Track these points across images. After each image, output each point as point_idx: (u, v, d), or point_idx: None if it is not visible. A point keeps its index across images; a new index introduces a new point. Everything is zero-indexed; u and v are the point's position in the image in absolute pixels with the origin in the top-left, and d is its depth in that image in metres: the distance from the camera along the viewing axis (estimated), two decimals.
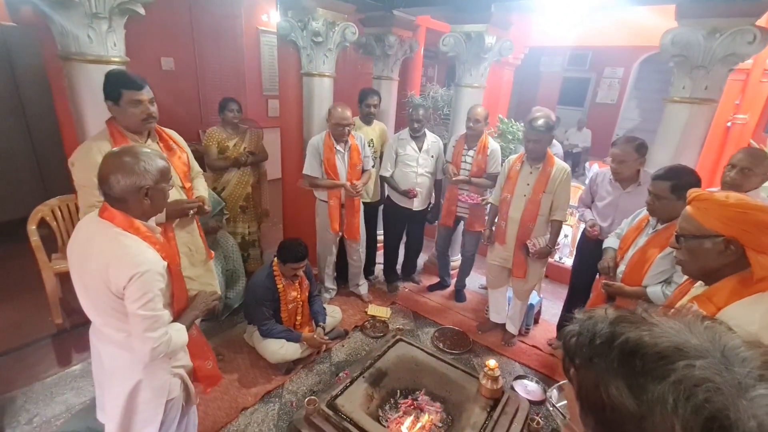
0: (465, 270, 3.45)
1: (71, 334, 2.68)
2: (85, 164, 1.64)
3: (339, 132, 2.82)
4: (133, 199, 1.27)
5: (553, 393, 2.42)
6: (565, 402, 0.49)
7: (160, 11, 4.27)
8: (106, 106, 1.73)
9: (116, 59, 1.97)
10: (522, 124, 3.89)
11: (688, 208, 1.12)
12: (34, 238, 2.59)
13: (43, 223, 2.70)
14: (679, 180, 1.70)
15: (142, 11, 2.00)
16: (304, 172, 2.97)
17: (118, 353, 1.36)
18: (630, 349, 0.40)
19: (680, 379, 0.36)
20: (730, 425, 0.34)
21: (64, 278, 2.61)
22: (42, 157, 4.07)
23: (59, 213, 2.80)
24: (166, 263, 1.32)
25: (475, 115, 2.91)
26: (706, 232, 1.05)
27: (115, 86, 1.66)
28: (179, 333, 1.37)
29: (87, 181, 1.59)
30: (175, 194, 1.89)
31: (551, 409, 2.13)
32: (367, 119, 3.29)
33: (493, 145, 3.08)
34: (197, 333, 1.61)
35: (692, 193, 1.12)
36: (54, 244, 2.81)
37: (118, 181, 1.23)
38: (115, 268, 1.21)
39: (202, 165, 2.25)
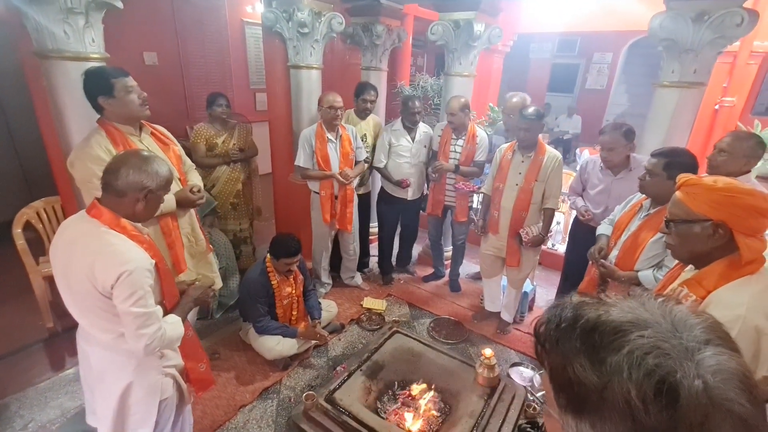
0: (457, 259, 3.46)
1: (63, 337, 2.64)
2: (85, 159, 1.66)
3: (332, 116, 2.79)
4: (131, 197, 1.28)
5: (535, 379, 2.48)
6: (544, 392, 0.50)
7: (141, 4, 4.15)
8: (91, 105, 1.72)
9: (95, 55, 1.91)
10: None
11: (677, 193, 1.13)
12: (20, 242, 2.54)
13: (28, 226, 2.65)
14: (674, 159, 1.72)
15: (120, 5, 1.93)
16: (296, 163, 2.95)
17: (107, 355, 1.34)
18: (590, 327, 0.44)
19: (633, 349, 0.40)
20: (677, 385, 0.37)
21: (54, 281, 2.54)
22: (24, 158, 3.98)
23: (45, 215, 2.75)
24: (154, 261, 1.31)
25: (450, 109, 2.91)
26: (695, 217, 1.06)
27: (105, 79, 1.69)
28: (174, 326, 1.36)
29: (90, 175, 1.61)
30: (173, 185, 1.89)
31: (531, 398, 2.19)
32: (363, 114, 3.26)
33: (481, 133, 3.08)
34: (192, 334, 1.60)
35: (681, 178, 1.13)
36: (41, 247, 2.75)
37: (127, 174, 1.25)
38: (101, 267, 1.20)
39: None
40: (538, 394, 2.12)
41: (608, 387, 0.39)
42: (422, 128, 3.18)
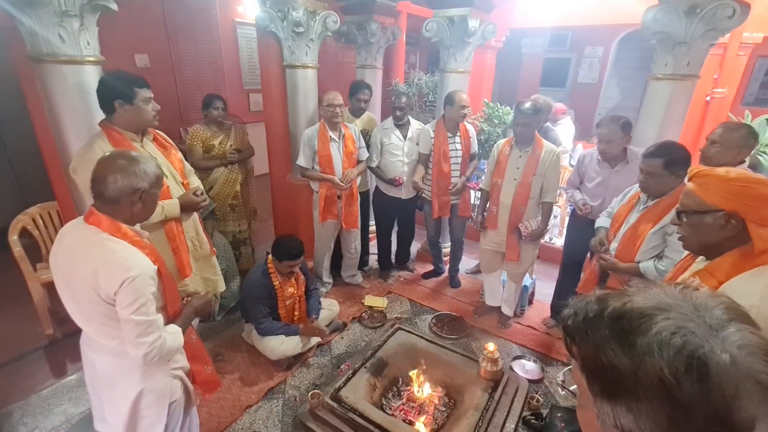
0: (456, 255, 3.47)
1: (64, 343, 2.62)
2: (88, 165, 1.64)
3: (331, 113, 2.80)
4: (126, 201, 1.26)
5: (561, 375, 2.52)
6: (575, 386, 0.52)
7: (131, 6, 4.11)
8: (101, 105, 1.73)
9: (91, 59, 1.90)
10: (508, 107, 3.90)
11: (689, 184, 1.14)
12: (17, 249, 2.52)
13: (24, 233, 2.62)
14: (671, 156, 1.73)
15: (114, 7, 1.92)
16: (298, 162, 2.96)
17: (114, 361, 1.33)
18: (617, 315, 0.46)
19: (660, 330, 0.42)
20: (706, 359, 0.40)
21: (52, 288, 2.53)
22: (17, 164, 3.93)
23: (41, 221, 2.72)
24: (156, 267, 1.30)
25: (463, 101, 2.87)
26: (707, 207, 1.07)
27: (130, 86, 1.71)
28: (174, 336, 1.35)
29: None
30: (176, 189, 1.88)
31: (563, 392, 2.21)
32: (357, 113, 3.27)
33: (469, 126, 3.11)
34: (196, 338, 1.59)
35: (693, 169, 1.14)
36: (38, 253, 2.73)
37: (115, 181, 1.23)
38: (104, 274, 1.19)
39: None
40: (571, 388, 2.20)
41: (641, 368, 0.41)
42: (415, 126, 3.17)
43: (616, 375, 0.43)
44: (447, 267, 3.65)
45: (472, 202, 3.44)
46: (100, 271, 1.19)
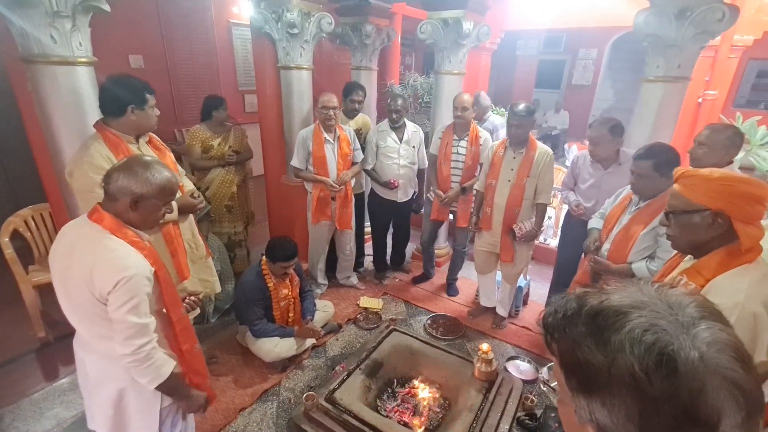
0: (456, 263, 3.40)
1: (55, 346, 2.60)
2: (86, 168, 1.64)
3: (325, 116, 2.79)
4: (122, 202, 1.26)
5: (544, 372, 2.54)
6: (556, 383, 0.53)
7: (125, 6, 4.09)
8: (110, 108, 1.74)
9: (83, 60, 1.88)
10: (503, 109, 3.92)
11: (675, 185, 1.16)
12: (9, 251, 2.49)
13: (15, 235, 2.60)
14: (660, 158, 1.75)
15: (107, 8, 1.90)
16: (291, 163, 2.95)
17: (104, 364, 1.33)
18: (594, 312, 0.47)
19: (633, 327, 0.43)
20: (675, 356, 0.41)
21: (44, 290, 2.53)
22: (9, 165, 3.90)
23: (33, 223, 2.70)
24: (153, 269, 1.29)
25: (462, 102, 2.84)
26: (694, 207, 1.09)
27: (142, 91, 1.74)
28: (168, 360, 1.33)
29: (91, 185, 1.58)
30: None
31: (545, 389, 2.22)
32: (351, 114, 3.26)
33: (484, 133, 3.02)
34: (198, 348, 1.56)
35: (679, 170, 1.16)
36: (30, 255, 2.70)
37: (118, 178, 1.25)
38: (100, 273, 1.18)
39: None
40: (552, 384, 2.24)
41: (614, 364, 0.42)
42: (410, 128, 3.14)
43: (590, 371, 0.44)
44: (439, 269, 3.62)
45: None
46: (95, 269, 1.18)
